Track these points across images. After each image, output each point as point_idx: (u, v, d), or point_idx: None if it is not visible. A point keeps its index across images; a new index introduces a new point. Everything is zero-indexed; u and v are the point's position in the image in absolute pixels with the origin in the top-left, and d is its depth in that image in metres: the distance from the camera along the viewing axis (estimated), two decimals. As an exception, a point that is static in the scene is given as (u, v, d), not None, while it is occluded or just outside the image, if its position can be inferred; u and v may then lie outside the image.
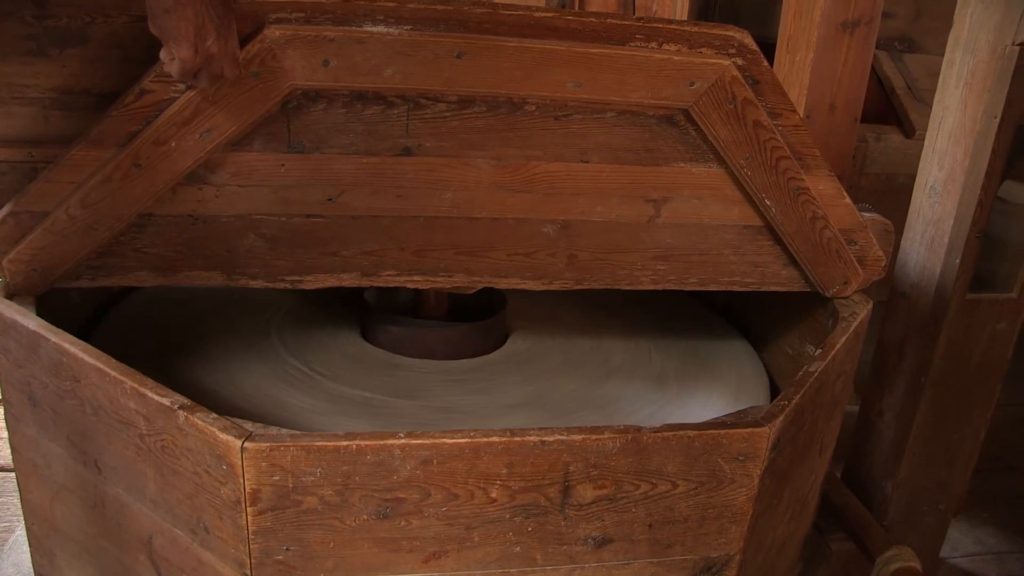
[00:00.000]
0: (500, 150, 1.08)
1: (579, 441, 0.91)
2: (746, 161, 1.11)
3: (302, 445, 0.85)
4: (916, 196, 1.55)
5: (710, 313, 1.55)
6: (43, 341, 1.00)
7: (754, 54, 1.04)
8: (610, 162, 1.11)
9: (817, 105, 1.63)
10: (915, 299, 1.54)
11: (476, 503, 0.91)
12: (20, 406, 1.09)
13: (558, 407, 1.20)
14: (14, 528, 1.78)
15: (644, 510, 0.96)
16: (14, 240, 1.03)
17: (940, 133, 1.48)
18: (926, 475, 1.63)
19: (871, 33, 1.61)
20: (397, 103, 1.03)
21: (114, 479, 1.01)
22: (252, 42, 0.94)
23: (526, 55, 1.01)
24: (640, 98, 1.06)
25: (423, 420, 1.13)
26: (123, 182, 1.00)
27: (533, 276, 1.16)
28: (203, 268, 1.09)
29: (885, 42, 2.28)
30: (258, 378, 1.19)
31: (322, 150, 1.04)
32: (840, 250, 1.20)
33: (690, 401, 1.25)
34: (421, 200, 1.09)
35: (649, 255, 1.17)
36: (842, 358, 1.17)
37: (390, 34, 0.97)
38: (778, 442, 0.99)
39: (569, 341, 1.40)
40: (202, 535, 0.93)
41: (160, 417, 0.90)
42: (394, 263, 1.12)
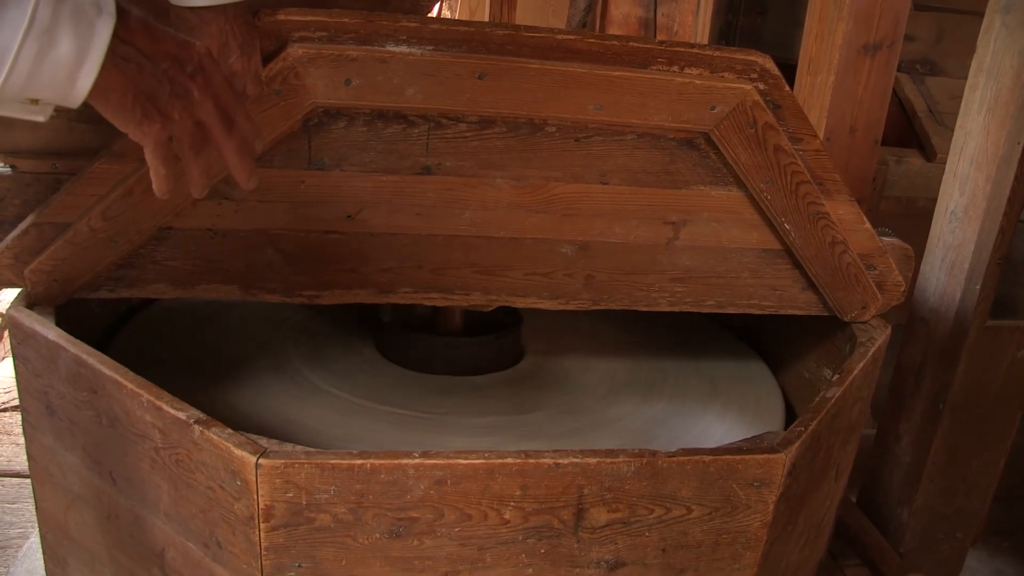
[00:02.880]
0: (520, 170, 1.08)
1: (594, 464, 0.90)
2: (766, 185, 1.10)
3: (316, 463, 0.85)
4: (936, 221, 1.54)
5: (727, 334, 1.55)
6: (61, 351, 1.00)
7: (776, 79, 1.04)
8: (629, 184, 1.11)
9: (837, 127, 1.63)
10: (934, 324, 1.54)
11: (489, 524, 0.90)
12: (37, 415, 1.10)
13: (571, 424, 1.20)
14: (28, 535, 1.79)
15: (658, 534, 0.96)
16: (36, 251, 1.04)
17: (962, 158, 1.48)
18: (944, 502, 1.62)
19: (893, 56, 1.61)
20: (418, 122, 1.04)
21: (128, 491, 1.01)
22: (275, 60, 0.95)
23: (547, 77, 1.01)
24: (661, 121, 1.06)
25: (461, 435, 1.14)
26: (144, 196, 1.00)
27: (550, 296, 1.16)
28: (221, 281, 1.10)
29: (907, 65, 2.27)
30: (274, 393, 1.19)
31: (342, 167, 1.05)
32: (859, 275, 1.19)
33: (705, 423, 1.24)
34: (440, 219, 1.09)
35: (667, 277, 1.17)
36: (859, 384, 1.17)
37: (412, 54, 0.97)
38: (794, 468, 0.98)
39: (583, 359, 1.40)
40: (215, 550, 0.93)
41: (175, 431, 0.91)
42: (411, 281, 1.12)
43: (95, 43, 0.68)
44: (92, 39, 0.68)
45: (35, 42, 0.66)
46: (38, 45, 0.66)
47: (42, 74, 0.67)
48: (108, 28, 0.69)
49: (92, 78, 0.69)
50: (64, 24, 0.66)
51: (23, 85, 0.68)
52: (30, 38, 0.65)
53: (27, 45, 0.65)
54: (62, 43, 0.67)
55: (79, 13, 0.67)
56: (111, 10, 0.69)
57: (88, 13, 0.68)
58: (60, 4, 0.66)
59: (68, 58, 0.67)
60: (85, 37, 0.68)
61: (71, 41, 0.67)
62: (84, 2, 0.68)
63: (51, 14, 0.65)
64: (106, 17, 0.69)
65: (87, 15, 0.68)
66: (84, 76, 0.69)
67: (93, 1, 0.68)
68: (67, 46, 0.67)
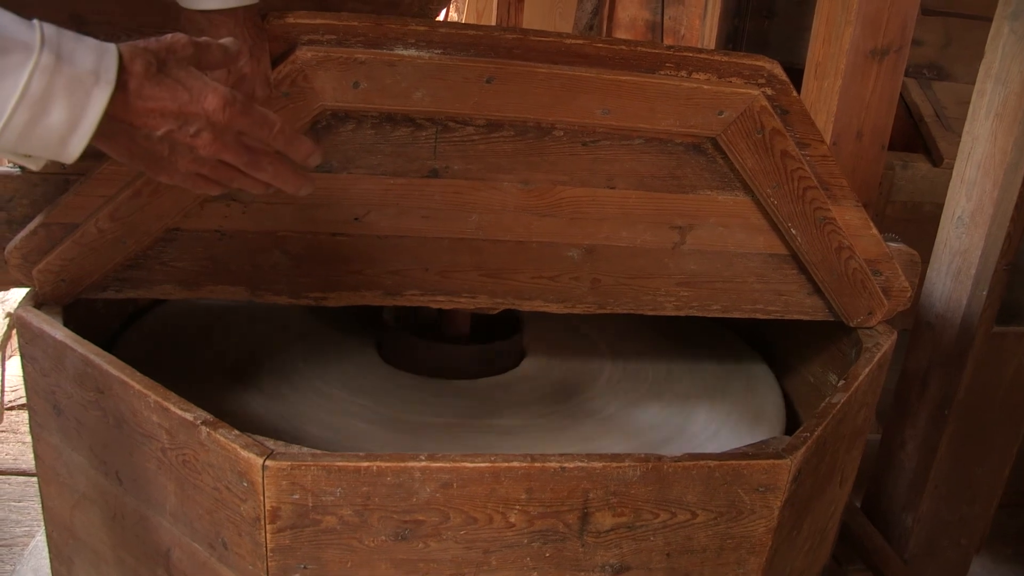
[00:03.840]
0: (527, 174, 1.08)
1: (599, 468, 0.90)
2: (773, 190, 1.11)
3: (323, 465, 0.86)
4: (943, 226, 1.54)
5: (732, 338, 1.55)
6: (69, 351, 1.01)
7: (783, 84, 1.04)
8: (636, 188, 1.11)
9: (844, 132, 1.63)
10: (940, 330, 1.53)
11: (495, 527, 0.91)
12: (44, 414, 1.10)
13: (577, 426, 1.20)
14: (34, 533, 1.79)
15: (663, 539, 0.96)
16: (44, 251, 1.04)
17: (969, 164, 1.48)
18: (948, 509, 1.61)
19: (900, 61, 1.61)
20: (426, 125, 1.04)
21: (134, 491, 1.01)
22: (284, 63, 0.95)
23: (555, 81, 1.01)
24: (668, 126, 1.06)
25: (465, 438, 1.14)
26: (152, 197, 1.01)
27: (556, 299, 1.16)
28: (228, 283, 1.10)
29: (914, 69, 2.27)
30: (282, 395, 1.20)
31: (350, 170, 1.05)
32: (865, 280, 1.19)
33: (710, 427, 1.24)
34: (447, 222, 1.09)
35: (673, 281, 1.17)
36: (865, 389, 1.16)
37: (421, 58, 0.97)
38: (799, 474, 0.98)
39: (586, 361, 1.40)
40: (220, 551, 0.93)
41: (182, 432, 0.91)
42: (418, 283, 1.12)
43: (88, 113, 0.68)
44: (86, 109, 0.68)
45: (26, 111, 0.66)
46: (29, 113, 0.66)
47: (33, 138, 0.68)
48: (103, 98, 0.68)
49: (83, 144, 0.70)
50: (58, 94, 0.66)
51: (14, 146, 0.68)
52: (21, 107, 0.65)
53: (18, 113, 0.66)
54: (54, 112, 0.67)
55: (75, 83, 0.67)
56: (110, 78, 0.69)
57: (85, 82, 0.67)
58: (56, 75, 0.66)
59: (60, 126, 0.68)
60: (79, 107, 0.68)
61: (64, 110, 0.67)
62: (84, 71, 0.67)
63: (45, 85, 0.65)
64: (103, 86, 0.68)
65: (84, 84, 0.67)
66: (75, 143, 0.69)
67: (92, 69, 0.68)
68: (59, 115, 0.67)
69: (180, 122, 0.74)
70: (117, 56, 0.70)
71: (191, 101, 0.74)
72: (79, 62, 0.67)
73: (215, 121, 0.75)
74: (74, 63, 0.67)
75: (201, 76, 0.75)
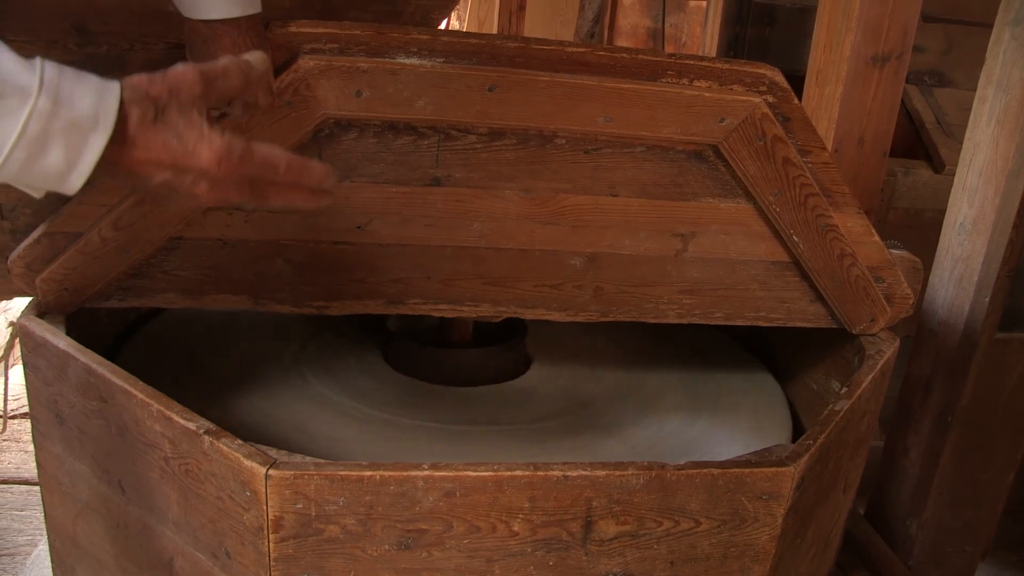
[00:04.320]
0: (529, 182, 1.08)
1: (602, 477, 0.90)
2: (775, 197, 1.11)
3: (326, 474, 0.85)
4: (945, 233, 1.54)
5: (735, 345, 1.54)
6: (72, 360, 1.01)
7: (785, 91, 1.04)
8: (639, 196, 1.11)
9: (846, 139, 1.63)
10: (943, 337, 1.53)
11: (498, 536, 0.90)
12: (47, 423, 1.10)
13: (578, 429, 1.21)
14: (37, 542, 1.79)
15: (666, 547, 0.96)
16: (47, 260, 1.04)
17: (971, 170, 1.48)
18: (952, 515, 1.61)
19: (901, 67, 1.61)
20: (428, 134, 1.04)
21: (137, 500, 1.01)
22: (286, 71, 0.95)
23: (557, 89, 1.01)
24: (670, 133, 1.06)
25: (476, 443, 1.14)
26: (154, 206, 1.01)
27: (559, 307, 1.16)
28: (230, 292, 1.10)
29: (915, 76, 2.27)
30: (285, 404, 1.19)
31: (352, 179, 1.05)
32: (868, 287, 1.19)
33: (713, 435, 1.24)
34: (449, 230, 1.09)
35: (676, 289, 1.17)
36: (868, 397, 1.16)
37: (423, 66, 0.97)
38: (802, 481, 0.98)
39: (590, 369, 1.40)
40: (223, 560, 0.93)
41: (185, 441, 0.91)
42: (420, 291, 1.12)
43: (86, 156, 0.69)
44: (83, 152, 0.68)
45: (24, 151, 0.66)
46: (27, 153, 0.67)
47: (32, 174, 0.69)
48: (100, 143, 0.69)
49: (82, 181, 0.70)
50: (55, 137, 0.67)
51: (15, 178, 0.69)
52: (19, 147, 0.66)
53: (16, 152, 0.66)
54: (52, 153, 0.67)
55: (73, 126, 0.67)
56: (109, 123, 0.69)
57: (83, 126, 0.68)
58: (53, 118, 0.66)
59: (57, 166, 0.68)
60: (76, 149, 0.68)
61: (61, 152, 0.68)
62: (82, 115, 0.67)
63: (42, 127, 0.66)
64: (101, 131, 0.69)
65: (82, 128, 0.68)
66: (74, 180, 0.70)
67: (92, 114, 0.68)
68: (56, 156, 0.68)
69: (176, 172, 0.74)
70: (118, 99, 0.69)
71: (185, 155, 0.73)
72: (78, 105, 0.67)
73: (211, 175, 0.75)
74: (72, 106, 0.67)
75: (200, 125, 0.74)
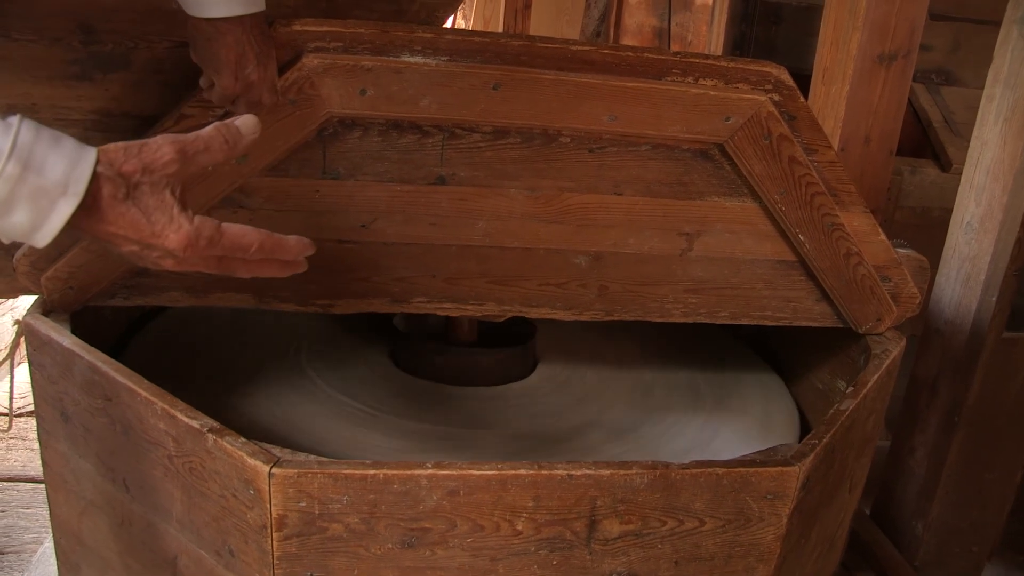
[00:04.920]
0: (534, 181, 1.08)
1: (607, 476, 0.90)
2: (780, 196, 1.10)
3: (329, 472, 0.85)
4: (952, 232, 1.53)
5: (740, 344, 1.54)
6: (77, 359, 1.01)
7: (791, 90, 1.04)
8: (644, 195, 1.11)
9: (852, 138, 1.63)
10: (950, 336, 1.53)
11: (502, 535, 0.90)
12: (52, 422, 1.10)
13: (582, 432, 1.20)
14: (42, 540, 1.79)
15: (670, 546, 0.95)
16: (52, 258, 1.04)
17: (978, 169, 1.47)
18: (958, 515, 1.61)
19: (908, 66, 1.60)
20: (432, 132, 1.04)
21: (142, 498, 1.01)
22: (290, 70, 0.95)
23: (562, 88, 1.01)
24: (675, 132, 1.06)
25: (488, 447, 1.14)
26: None
27: (564, 306, 1.16)
28: (235, 290, 1.10)
29: (922, 75, 2.26)
30: (289, 402, 1.19)
31: (356, 177, 1.05)
32: (874, 287, 1.19)
33: (718, 434, 1.24)
34: (454, 229, 1.09)
35: (681, 288, 1.17)
36: (874, 396, 1.16)
37: (427, 64, 0.97)
38: (808, 481, 0.98)
39: (596, 367, 1.40)
40: (227, 558, 0.93)
41: (189, 439, 0.91)
42: (425, 290, 1.12)
43: (52, 221, 0.69)
44: (49, 217, 0.68)
45: None
46: None
47: None
48: (68, 210, 0.68)
49: (49, 239, 0.70)
50: (21, 200, 0.67)
51: None
52: None
53: None
54: (16, 215, 0.68)
55: (40, 193, 0.67)
56: (79, 191, 0.68)
57: (51, 193, 0.68)
58: (20, 184, 0.66)
59: (23, 227, 0.68)
60: (43, 213, 0.68)
61: (26, 215, 0.68)
62: (50, 183, 0.67)
63: (8, 191, 0.66)
64: (70, 198, 0.68)
65: (49, 194, 0.68)
66: (39, 239, 0.70)
67: (61, 181, 0.68)
68: (21, 218, 0.68)
69: (142, 247, 0.74)
70: (91, 168, 0.69)
71: (152, 235, 0.73)
72: (48, 173, 0.67)
73: (177, 256, 0.75)
74: (43, 174, 0.67)
75: (171, 207, 0.73)
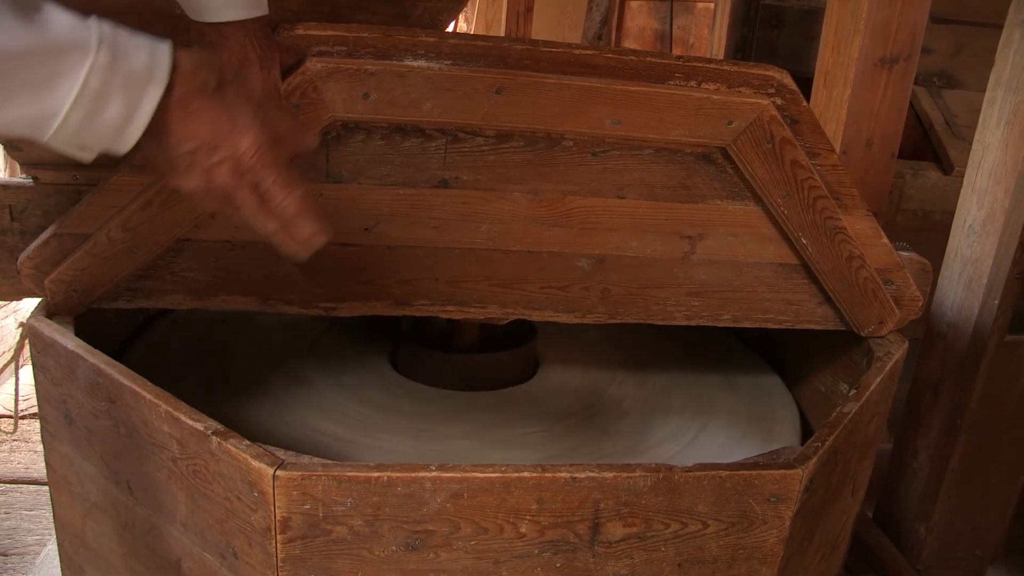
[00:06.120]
0: (536, 184, 1.08)
1: (610, 479, 0.90)
2: (783, 200, 1.10)
3: (333, 475, 0.86)
4: (954, 235, 1.53)
5: (742, 347, 1.54)
6: (80, 361, 1.01)
7: (793, 94, 1.04)
8: (646, 198, 1.11)
9: (854, 141, 1.63)
10: (952, 339, 1.53)
11: (505, 537, 0.90)
12: (56, 424, 1.10)
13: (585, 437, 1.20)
14: (46, 542, 1.80)
15: (674, 549, 0.95)
16: (56, 261, 1.05)
17: (980, 172, 1.47)
18: (962, 519, 1.60)
19: (910, 69, 1.61)
20: (435, 136, 1.04)
21: (145, 500, 1.01)
22: (294, 74, 0.95)
23: (565, 92, 1.01)
24: (678, 136, 1.06)
25: None
26: (163, 208, 1.01)
27: (566, 309, 1.16)
28: (239, 293, 1.11)
29: (923, 78, 2.25)
30: (292, 404, 1.20)
31: (359, 181, 1.05)
32: (876, 290, 1.19)
33: (721, 437, 1.24)
34: (456, 232, 1.09)
35: (683, 291, 1.17)
36: (876, 399, 1.16)
37: (430, 69, 0.98)
38: (811, 484, 0.98)
39: (599, 372, 1.40)
40: (231, 560, 0.94)
41: (193, 442, 0.91)
42: (428, 293, 1.12)
43: (143, 107, 0.70)
44: (140, 103, 0.70)
45: (84, 107, 0.67)
46: (86, 110, 0.68)
47: (89, 132, 0.70)
48: (156, 94, 0.70)
49: (136, 136, 0.71)
50: (114, 91, 0.68)
51: (70, 139, 0.70)
52: (79, 104, 0.67)
53: (75, 111, 0.67)
54: (111, 107, 0.68)
55: (131, 79, 0.68)
56: (162, 76, 0.70)
57: (139, 79, 0.69)
58: (112, 72, 0.67)
59: (115, 120, 0.69)
60: (134, 102, 0.69)
61: (119, 106, 0.69)
62: (139, 68, 0.69)
63: (102, 82, 0.67)
64: (156, 84, 0.70)
65: (138, 81, 0.69)
66: (130, 135, 0.71)
67: (147, 66, 0.69)
68: (115, 110, 0.69)
69: (208, 149, 0.75)
70: (169, 56, 0.71)
71: (231, 131, 0.75)
72: (134, 59, 0.69)
73: (240, 160, 0.76)
74: (129, 60, 0.68)
75: (251, 111, 0.76)
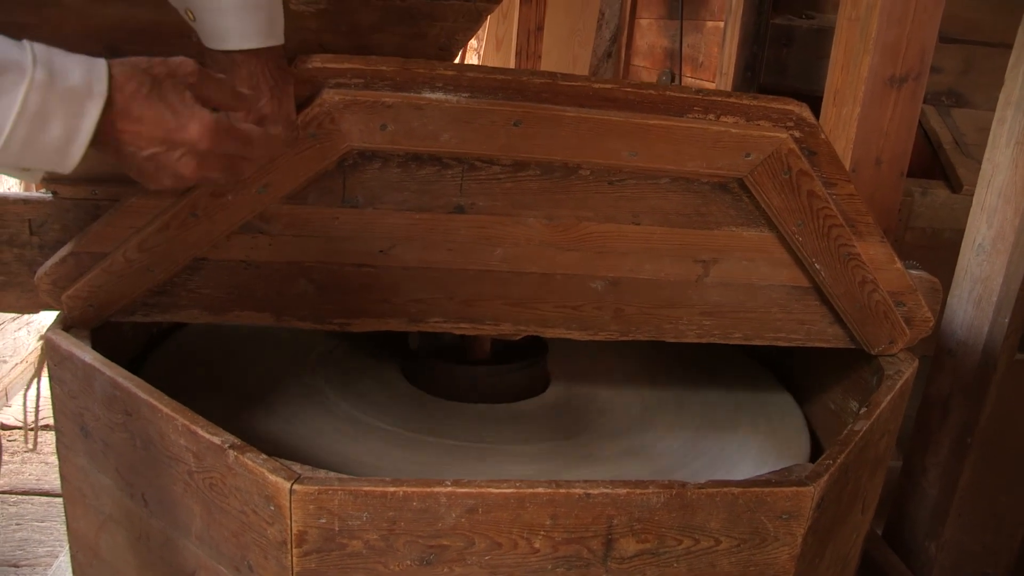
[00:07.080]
0: (552, 210, 1.09)
1: (623, 495, 0.91)
2: (798, 228, 1.11)
3: (350, 489, 0.86)
4: (964, 254, 1.53)
5: (753, 364, 1.55)
6: (97, 374, 1.02)
7: (812, 127, 1.05)
8: (661, 224, 1.11)
9: (863, 159, 1.63)
10: (962, 357, 1.53)
11: (519, 553, 0.91)
12: (72, 436, 1.11)
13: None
14: (57, 553, 1.81)
15: (686, 565, 0.96)
16: (73, 278, 1.06)
17: (989, 191, 1.47)
18: (972, 538, 1.60)
19: (919, 88, 1.61)
20: (452, 164, 1.05)
21: (160, 513, 1.02)
22: (311, 105, 0.96)
23: (583, 125, 1.02)
24: (695, 167, 1.07)
25: None
26: (180, 230, 1.02)
27: (579, 327, 1.17)
28: (253, 309, 1.12)
29: (932, 96, 2.26)
30: (307, 418, 1.20)
31: (375, 206, 1.06)
32: (888, 312, 1.19)
33: (732, 454, 1.24)
34: (472, 255, 1.10)
35: (696, 311, 1.18)
36: (887, 417, 1.16)
37: (448, 101, 0.98)
38: (822, 501, 0.98)
39: (609, 386, 1.40)
40: (246, 573, 0.94)
41: (210, 455, 0.92)
42: (442, 311, 1.13)
43: (84, 124, 0.70)
44: (81, 120, 0.70)
45: (25, 127, 0.68)
46: (28, 128, 0.68)
47: (33, 151, 0.70)
48: (97, 110, 0.71)
49: (80, 154, 0.72)
50: (54, 107, 0.68)
51: (14, 160, 0.70)
52: (21, 122, 0.68)
53: (18, 129, 0.68)
54: (52, 125, 0.69)
55: (70, 96, 0.69)
56: (101, 90, 0.71)
57: (79, 94, 0.69)
58: (50, 89, 0.68)
59: (57, 139, 0.70)
60: (75, 118, 0.70)
61: (60, 123, 0.69)
62: (76, 84, 0.69)
63: (41, 99, 0.68)
64: (96, 98, 0.70)
65: (77, 96, 0.69)
66: (73, 153, 0.72)
67: (85, 81, 0.70)
68: (56, 128, 0.69)
69: (166, 147, 0.76)
70: (106, 70, 0.72)
71: (177, 128, 0.76)
72: (70, 76, 0.69)
73: (199, 150, 0.78)
74: (66, 77, 0.69)
75: (191, 104, 0.77)
